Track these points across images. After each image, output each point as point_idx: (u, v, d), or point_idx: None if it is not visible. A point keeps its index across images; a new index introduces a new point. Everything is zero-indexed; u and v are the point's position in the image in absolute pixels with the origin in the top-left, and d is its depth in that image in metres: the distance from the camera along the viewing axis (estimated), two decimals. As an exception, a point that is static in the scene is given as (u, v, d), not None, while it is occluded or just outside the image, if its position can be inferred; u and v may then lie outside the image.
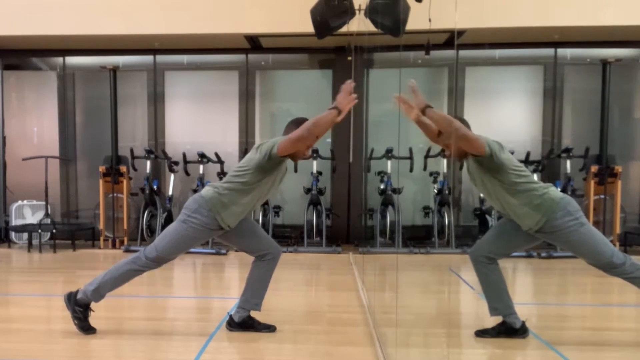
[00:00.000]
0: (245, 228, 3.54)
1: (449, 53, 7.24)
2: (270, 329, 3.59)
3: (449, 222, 6.72)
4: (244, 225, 3.52)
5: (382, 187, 6.89)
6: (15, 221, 7.29)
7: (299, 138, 3.19)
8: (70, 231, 7.11)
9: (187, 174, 7.21)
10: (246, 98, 7.68)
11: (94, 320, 4.03)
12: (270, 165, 3.30)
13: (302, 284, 5.42)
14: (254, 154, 3.36)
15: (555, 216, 3.14)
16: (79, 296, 3.46)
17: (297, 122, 3.33)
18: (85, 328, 3.50)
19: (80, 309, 3.47)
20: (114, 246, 7.08)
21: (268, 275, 3.58)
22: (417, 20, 4.40)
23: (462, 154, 3.29)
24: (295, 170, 7.01)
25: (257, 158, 3.30)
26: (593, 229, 3.23)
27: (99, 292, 3.45)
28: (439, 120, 3.23)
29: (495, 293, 3.41)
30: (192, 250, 6.64)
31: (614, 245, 6.54)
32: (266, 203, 6.88)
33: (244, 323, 3.56)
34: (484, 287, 3.45)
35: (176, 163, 7.24)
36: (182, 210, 3.43)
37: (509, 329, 3.39)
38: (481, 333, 3.47)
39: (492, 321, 3.52)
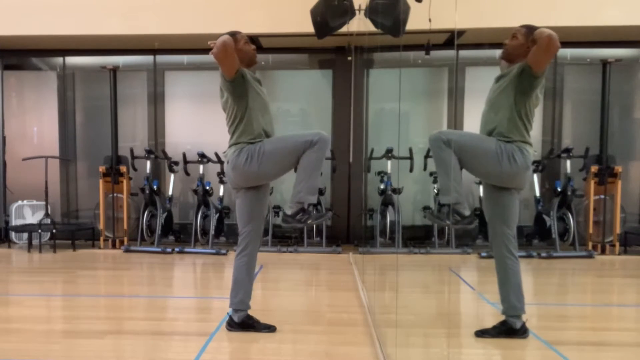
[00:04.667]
0: (266, 190, 3.61)
1: (449, 53, 7.24)
2: (270, 329, 3.59)
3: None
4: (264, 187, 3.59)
5: (382, 187, 6.88)
6: (15, 221, 7.29)
7: (218, 50, 3.21)
8: (70, 231, 7.10)
9: (187, 174, 7.21)
10: (246, 98, 7.67)
11: (94, 319, 4.03)
12: (238, 87, 3.35)
13: (302, 284, 5.42)
14: (222, 97, 3.45)
15: (509, 163, 3.21)
16: (289, 212, 3.43)
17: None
18: (319, 216, 3.60)
19: (300, 214, 3.42)
20: (114, 246, 7.08)
21: (250, 271, 3.57)
22: (417, 20, 4.40)
23: (518, 59, 3.31)
24: (295, 170, 7.00)
25: (225, 95, 3.40)
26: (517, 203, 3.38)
27: (313, 191, 3.44)
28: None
29: (505, 291, 3.41)
30: (192, 250, 6.74)
31: (615, 244, 6.60)
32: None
33: (243, 323, 3.56)
34: (498, 282, 3.47)
35: (176, 163, 7.24)
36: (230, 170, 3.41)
37: (509, 329, 3.39)
38: (481, 333, 3.47)
39: (492, 321, 3.52)
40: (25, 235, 7.08)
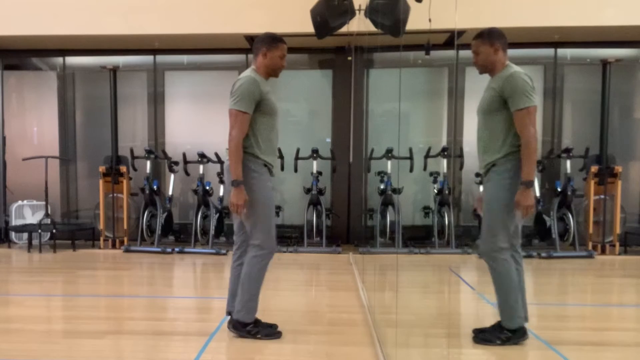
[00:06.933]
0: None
1: (449, 53, 7.24)
2: (273, 327, 3.56)
3: (449, 222, 6.72)
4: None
5: (382, 187, 6.89)
6: (15, 221, 7.29)
7: (230, 138, 3.37)
8: (70, 231, 7.11)
9: (187, 174, 7.21)
10: (246, 98, 7.66)
11: (94, 319, 4.03)
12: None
13: (302, 284, 5.42)
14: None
15: (504, 164, 3.25)
16: (240, 320, 3.46)
17: (266, 41, 3.62)
18: (271, 334, 3.49)
19: (250, 330, 3.46)
20: (114, 246, 7.08)
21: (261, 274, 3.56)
22: (417, 20, 4.40)
23: (495, 65, 3.51)
24: (295, 170, 7.02)
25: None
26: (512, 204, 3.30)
27: (251, 311, 3.45)
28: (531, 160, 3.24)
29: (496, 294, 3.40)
30: (192, 250, 6.74)
31: (615, 244, 6.59)
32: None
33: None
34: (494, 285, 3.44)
35: (176, 163, 7.25)
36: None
37: (509, 331, 3.36)
38: (479, 332, 3.45)
39: (492, 321, 3.51)
40: (25, 235, 7.08)
